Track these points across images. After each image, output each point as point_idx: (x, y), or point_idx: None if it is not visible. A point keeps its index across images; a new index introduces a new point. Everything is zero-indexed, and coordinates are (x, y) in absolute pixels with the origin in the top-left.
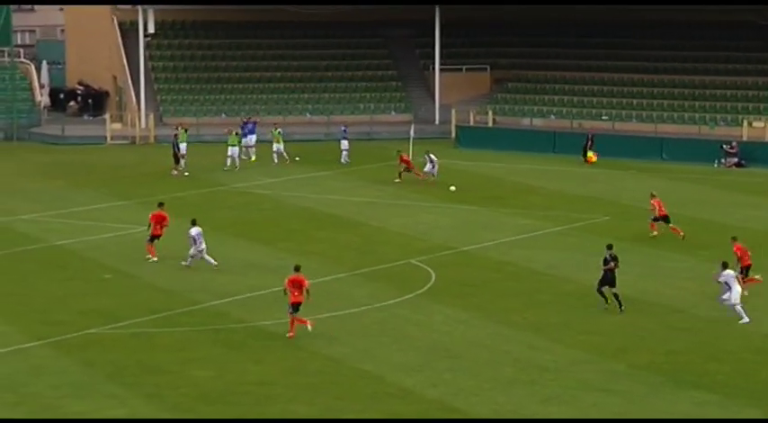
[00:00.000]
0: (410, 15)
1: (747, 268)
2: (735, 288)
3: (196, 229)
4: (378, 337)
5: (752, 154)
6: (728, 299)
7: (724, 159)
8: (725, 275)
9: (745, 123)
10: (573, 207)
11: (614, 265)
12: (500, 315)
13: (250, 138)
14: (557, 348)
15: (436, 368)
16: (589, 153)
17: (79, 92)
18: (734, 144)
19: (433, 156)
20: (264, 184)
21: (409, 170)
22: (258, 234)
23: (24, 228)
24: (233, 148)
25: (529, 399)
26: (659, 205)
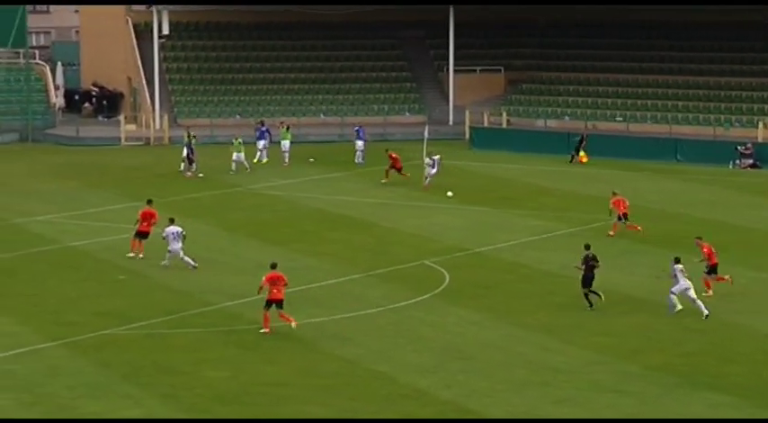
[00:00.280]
0: (424, 16)
1: (715, 267)
2: (681, 282)
3: (171, 229)
4: (392, 339)
5: (767, 155)
6: (674, 290)
7: (739, 161)
8: (674, 269)
9: (760, 125)
10: (586, 208)
11: (595, 265)
12: (513, 316)
13: (262, 141)
14: (570, 350)
15: (450, 369)
16: (581, 153)
17: (94, 93)
18: (749, 145)
19: (436, 157)
20: (278, 186)
21: (397, 169)
22: (271, 235)
23: (39, 229)
24: (238, 154)
25: (542, 400)
26: (621, 203)
